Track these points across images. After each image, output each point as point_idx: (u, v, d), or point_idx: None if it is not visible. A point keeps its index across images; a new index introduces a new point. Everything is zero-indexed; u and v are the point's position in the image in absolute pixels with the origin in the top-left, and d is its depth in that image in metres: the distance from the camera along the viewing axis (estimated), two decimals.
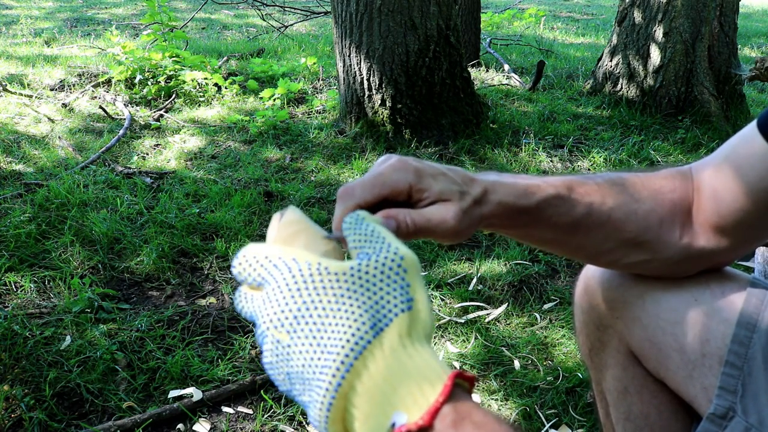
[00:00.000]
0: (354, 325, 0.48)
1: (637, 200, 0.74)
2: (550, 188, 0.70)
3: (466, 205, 0.64)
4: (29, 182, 2.79)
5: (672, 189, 0.75)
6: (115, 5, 8.95)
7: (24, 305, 1.98)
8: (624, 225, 0.73)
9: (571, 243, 0.75)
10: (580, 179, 0.74)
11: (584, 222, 0.72)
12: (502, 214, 0.68)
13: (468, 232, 0.65)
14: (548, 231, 0.72)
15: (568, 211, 0.71)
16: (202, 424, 1.58)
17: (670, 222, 0.74)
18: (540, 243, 0.77)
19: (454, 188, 0.64)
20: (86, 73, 4.45)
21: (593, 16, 9.89)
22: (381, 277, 0.50)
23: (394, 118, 3.40)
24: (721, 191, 0.72)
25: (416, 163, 0.63)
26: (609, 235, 0.73)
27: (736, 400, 0.72)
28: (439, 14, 3.39)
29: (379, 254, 0.51)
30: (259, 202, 2.71)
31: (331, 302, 0.49)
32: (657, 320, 0.79)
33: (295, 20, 6.93)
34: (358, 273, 0.50)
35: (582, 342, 0.92)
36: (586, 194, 0.72)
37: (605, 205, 0.72)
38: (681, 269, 0.78)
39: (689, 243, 0.75)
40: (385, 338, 0.47)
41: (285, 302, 0.50)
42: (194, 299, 2.09)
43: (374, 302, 0.49)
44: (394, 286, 0.50)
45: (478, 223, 0.66)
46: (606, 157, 3.39)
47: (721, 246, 0.75)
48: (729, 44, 4.33)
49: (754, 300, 0.75)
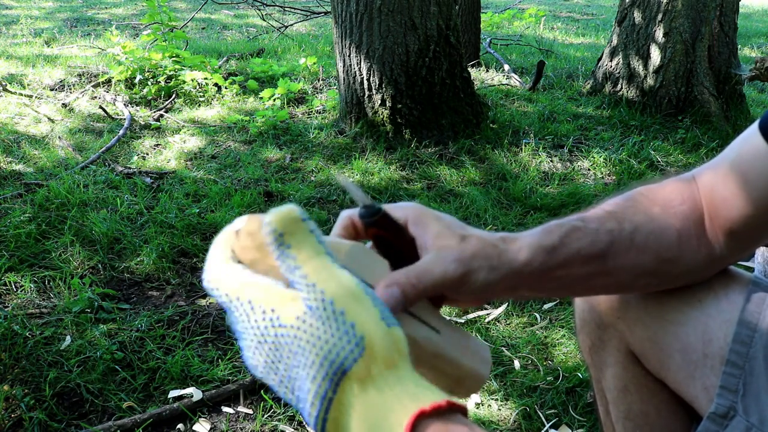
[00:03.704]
0: (314, 384, 0.46)
1: (651, 219, 0.71)
2: (564, 224, 0.68)
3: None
4: (29, 182, 2.79)
5: (681, 201, 0.73)
6: (115, 5, 8.95)
7: (24, 305, 1.98)
8: (646, 246, 0.70)
9: (606, 273, 0.70)
10: (587, 213, 0.71)
11: (611, 251, 0.68)
12: (532, 259, 0.64)
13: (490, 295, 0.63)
14: (579, 266, 0.67)
15: (593, 241, 0.68)
16: (202, 424, 1.58)
17: (687, 235, 0.72)
18: (574, 288, 0.72)
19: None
20: (86, 73, 4.45)
21: (593, 16, 9.89)
22: (324, 329, 0.46)
23: (394, 118, 3.40)
24: (730, 197, 0.72)
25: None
26: (637, 259, 0.70)
27: (737, 400, 0.72)
28: (439, 14, 3.39)
29: (311, 303, 0.47)
30: (259, 202, 2.71)
31: (290, 357, 0.47)
32: (659, 320, 0.79)
33: (295, 20, 6.93)
34: (303, 326, 0.47)
35: (582, 340, 0.92)
36: (599, 221, 0.69)
37: (624, 231, 0.69)
38: (699, 278, 0.77)
39: (708, 252, 0.74)
40: (345, 392, 0.45)
41: (254, 352, 0.49)
42: (194, 299, 2.09)
43: (323, 358, 0.46)
44: (340, 333, 0.46)
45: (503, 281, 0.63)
46: (606, 157, 3.39)
47: (735, 249, 0.74)
48: (729, 44, 4.32)
49: (755, 299, 0.75)
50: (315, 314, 0.47)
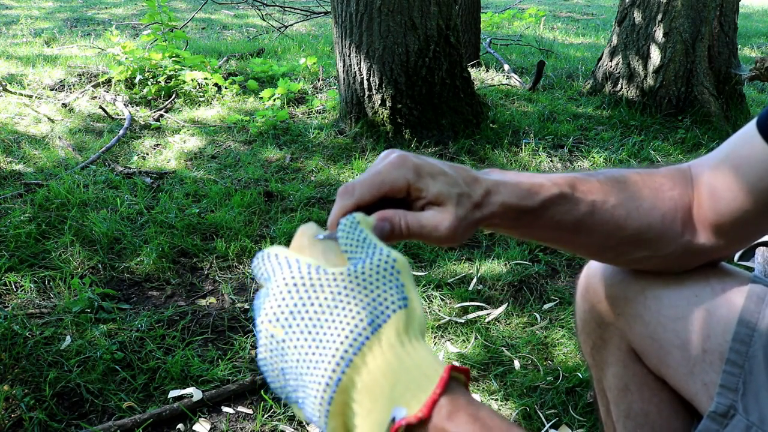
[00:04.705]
0: (352, 322, 0.49)
1: (639, 198, 0.74)
2: (554, 187, 0.70)
3: (462, 211, 0.63)
4: (29, 182, 2.79)
5: (672, 187, 0.76)
6: (115, 5, 8.95)
7: (24, 305, 1.98)
8: (626, 223, 0.73)
9: (574, 242, 0.75)
10: (583, 177, 0.73)
11: (588, 221, 0.72)
12: (504, 215, 0.67)
13: (463, 237, 0.64)
14: (551, 231, 0.72)
15: (572, 210, 0.71)
16: (202, 424, 1.58)
17: (671, 219, 0.74)
18: (542, 240, 0.77)
19: (453, 191, 0.63)
20: (86, 73, 4.45)
21: (593, 16, 9.89)
22: (377, 278, 0.51)
23: (394, 118, 3.40)
24: (721, 190, 0.73)
25: (416, 160, 0.63)
26: (612, 233, 0.73)
27: (737, 399, 0.72)
28: (439, 14, 3.39)
29: (372, 257, 0.52)
30: (259, 202, 2.71)
31: (328, 299, 0.50)
32: (658, 317, 0.79)
33: (295, 20, 6.93)
34: (354, 273, 0.51)
35: (583, 339, 0.93)
36: (588, 192, 0.72)
37: (608, 203, 0.72)
38: (681, 264, 0.79)
39: (690, 240, 0.75)
40: (383, 335, 0.48)
41: (282, 298, 0.51)
42: (194, 299, 2.09)
43: (371, 299, 0.50)
44: (390, 285, 0.51)
45: (476, 225, 0.66)
46: (606, 157, 3.39)
47: (720, 243, 0.75)
48: (729, 44, 4.33)
49: (755, 298, 0.75)
50: (372, 266, 0.51)
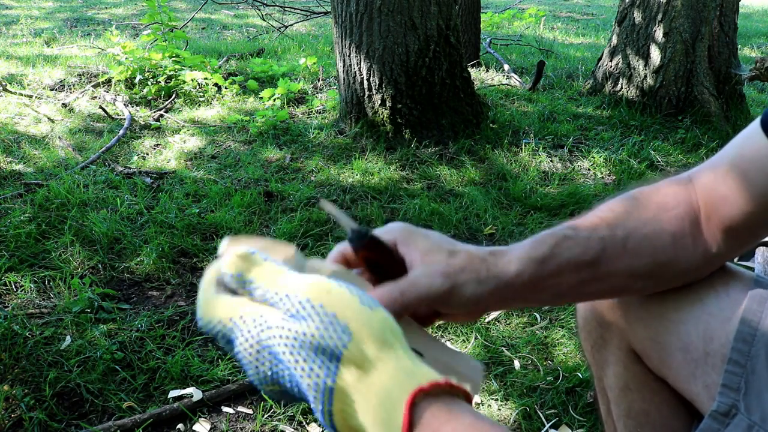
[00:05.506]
0: (310, 382, 0.47)
1: (645, 223, 0.71)
2: (554, 234, 0.68)
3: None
4: (29, 182, 2.79)
5: (676, 203, 0.74)
6: (115, 5, 8.95)
7: (24, 305, 1.98)
8: (640, 250, 0.70)
9: (591, 286, 0.71)
10: (579, 220, 0.71)
11: (602, 257, 0.69)
12: (520, 273, 0.65)
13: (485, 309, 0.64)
14: (568, 275, 0.68)
15: (584, 249, 0.68)
16: (202, 424, 1.58)
17: (681, 236, 0.73)
18: (563, 296, 0.72)
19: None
20: (86, 73, 4.45)
21: (593, 16, 9.89)
22: (307, 325, 0.47)
23: (394, 118, 3.40)
24: (729, 195, 0.72)
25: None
26: (630, 264, 0.70)
27: (739, 398, 0.71)
28: (439, 14, 3.39)
29: (291, 311, 0.48)
30: (259, 202, 2.71)
31: (287, 358, 0.48)
32: (660, 319, 0.79)
33: (295, 20, 6.93)
34: (288, 325, 0.48)
35: (583, 338, 0.92)
36: (591, 229, 0.69)
37: (617, 237, 0.69)
38: (696, 277, 0.77)
39: (704, 251, 0.74)
40: (343, 383, 0.46)
41: (254, 366, 0.50)
42: (194, 299, 2.09)
43: (315, 347, 0.47)
44: (324, 326, 0.47)
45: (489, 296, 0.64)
46: (606, 157, 3.39)
47: (732, 247, 0.74)
48: (729, 44, 4.32)
49: (757, 298, 0.75)
50: (297, 317, 0.47)
